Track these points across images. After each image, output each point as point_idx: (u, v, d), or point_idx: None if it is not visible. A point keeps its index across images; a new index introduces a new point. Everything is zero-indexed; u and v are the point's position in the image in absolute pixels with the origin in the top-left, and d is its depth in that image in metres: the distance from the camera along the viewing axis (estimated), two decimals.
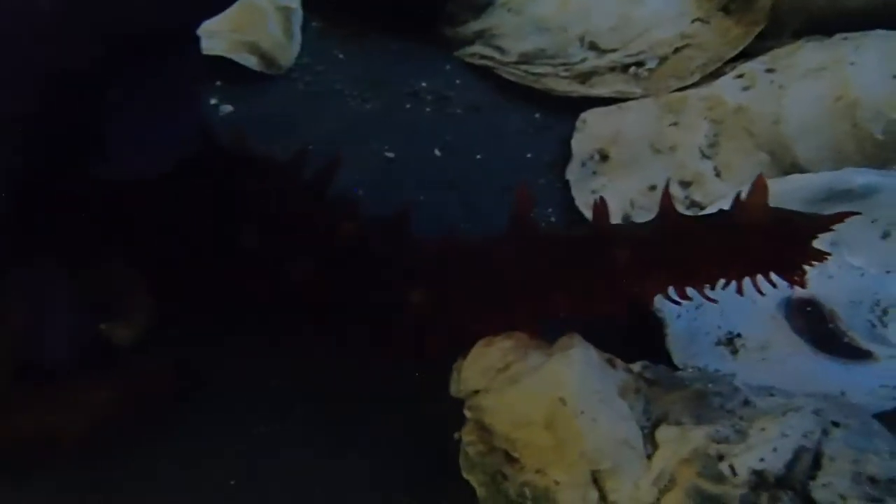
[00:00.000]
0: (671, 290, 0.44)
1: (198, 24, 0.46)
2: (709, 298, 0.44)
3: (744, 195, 0.42)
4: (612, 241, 0.43)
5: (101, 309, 0.49)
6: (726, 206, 0.44)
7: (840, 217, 0.41)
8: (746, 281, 0.43)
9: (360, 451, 0.53)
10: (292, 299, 0.50)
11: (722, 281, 0.44)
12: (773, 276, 0.42)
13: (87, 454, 0.51)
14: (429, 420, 0.52)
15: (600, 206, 0.44)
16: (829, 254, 0.41)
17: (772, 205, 0.41)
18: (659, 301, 0.54)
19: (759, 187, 0.40)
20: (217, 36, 0.65)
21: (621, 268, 0.42)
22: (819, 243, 0.56)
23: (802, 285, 0.42)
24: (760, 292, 0.42)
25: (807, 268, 0.42)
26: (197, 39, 0.48)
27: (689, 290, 0.45)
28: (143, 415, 0.53)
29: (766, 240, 0.40)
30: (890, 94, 0.58)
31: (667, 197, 0.43)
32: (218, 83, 0.66)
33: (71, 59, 0.38)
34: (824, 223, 0.41)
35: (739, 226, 0.41)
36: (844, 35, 0.61)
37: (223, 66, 0.65)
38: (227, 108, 0.65)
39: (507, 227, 0.47)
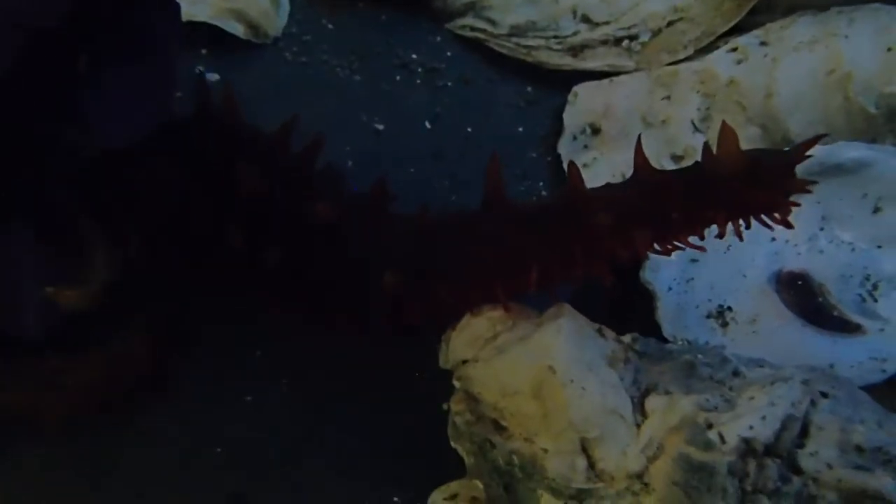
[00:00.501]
0: (656, 246, 0.43)
1: None
2: (696, 247, 0.43)
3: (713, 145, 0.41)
4: (590, 204, 0.42)
5: (49, 272, 0.47)
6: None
7: (811, 143, 0.40)
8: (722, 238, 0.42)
9: (348, 422, 0.53)
10: (271, 276, 0.49)
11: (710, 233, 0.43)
12: (762, 218, 0.41)
13: (71, 428, 0.51)
14: (417, 391, 0.52)
15: (574, 172, 0.43)
16: (815, 181, 0.40)
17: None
18: (649, 274, 0.54)
19: (727, 134, 0.39)
20: (202, 2, 0.63)
21: (602, 229, 0.42)
22: (809, 216, 0.57)
23: (789, 225, 0.40)
24: (740, 237, 0.41)
25: (793, 209, 0.41)
26: (176, 3, 0.46)
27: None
28: (127, 388, 0.52)
29: (744, 184, 0.39)
30: (882, 67, 0.57)
31: (640, 154, 0.42)
32: (203, 51, 0.65)
33: (44, 20, 0.37)
34: (798, 153, 0.40)
35: (715, 174, 0.40)
36: (839, 8, 0.61)
37: (209, 34, 0.64)
38: (213, 77, 0.64)
39: (481, 202, 0.46)
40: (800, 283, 0.55)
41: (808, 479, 0.40)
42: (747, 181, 0.39)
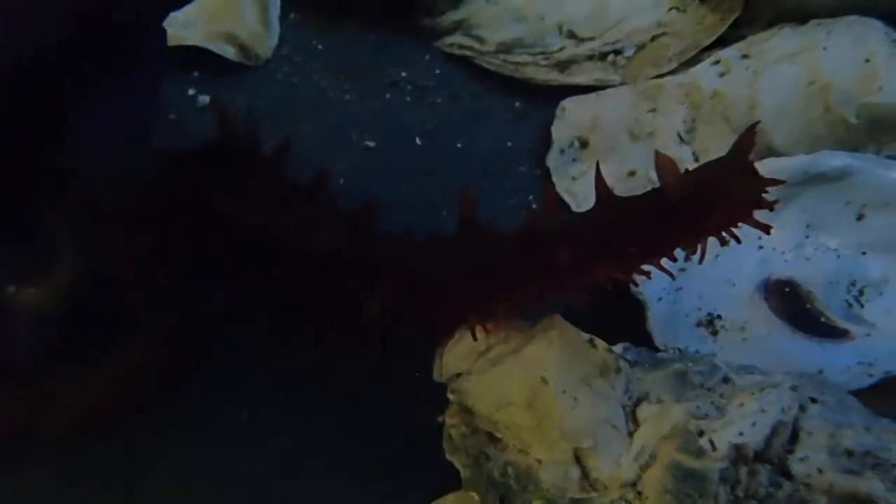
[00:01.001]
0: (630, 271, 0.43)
1: (162, 12, 0.45)
2: (666, 272, 0.43)
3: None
4: (549, 239, 0.42)
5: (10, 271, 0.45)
6: None
7: (748, 134, 0.38)
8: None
9: (344, 436, 0.53)
10: (267, 296, 0.50)
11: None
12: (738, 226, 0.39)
13: (67, 444, 0.51)
14: (413, 405, 0.52)
15: (549, 193, 0.44)
16: (782, 181, 0.39)
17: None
18: (639, 284, 0.54)
19: (662, 161, 0.39)
20: (193, 25, 0.64)
21: (561, 263, 0.41)
22: (795, 224, 0.57)
23: (767, 230, 0.39)
24: (701, 257, 0.40)
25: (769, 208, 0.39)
26: (162, 28, 0.47)
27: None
28: (125, 403, 0.52)
29: (705, 201, 0.38)
30: (861, 78, 0.58)
31: (600, 181, 0.42)
32: (195, 74, 0.66)
33: (30, 45, 0.38)
34: (740, 149, 0.38)
35: (676, 196, 0.38)
36: (818, 21, 0.62)
37: (199, 57, 0.65)
38: (205, 100, 0.65)
39: (457, 227, 0.47)
40: (787, 290, 0.56)
41: (798, 484, 0.41)
42: (706, 198, 0.38)
